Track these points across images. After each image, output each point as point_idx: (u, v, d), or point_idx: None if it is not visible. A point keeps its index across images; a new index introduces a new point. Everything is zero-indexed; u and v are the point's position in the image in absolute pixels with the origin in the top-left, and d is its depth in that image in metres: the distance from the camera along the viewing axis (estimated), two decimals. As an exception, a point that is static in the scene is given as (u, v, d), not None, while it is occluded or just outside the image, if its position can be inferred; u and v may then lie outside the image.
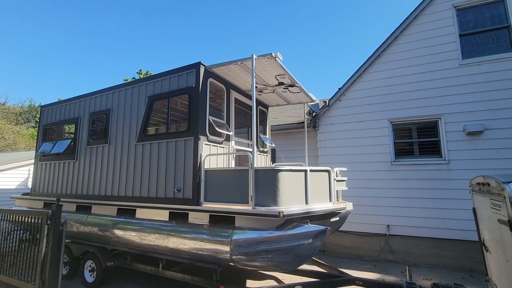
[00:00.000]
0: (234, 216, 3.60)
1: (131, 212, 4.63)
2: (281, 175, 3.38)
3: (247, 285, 4.79)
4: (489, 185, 3.51)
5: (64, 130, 6.06)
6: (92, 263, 4.98)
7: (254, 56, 3.81)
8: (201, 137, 4.01)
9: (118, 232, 4.57)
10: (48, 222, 4.52)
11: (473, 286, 4.92)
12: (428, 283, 5.06)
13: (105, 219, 4.83)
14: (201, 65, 4.18)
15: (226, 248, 3.48)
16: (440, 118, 6.28)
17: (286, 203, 3.37)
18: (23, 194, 6.68)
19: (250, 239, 3.40)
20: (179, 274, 4.17)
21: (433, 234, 6.03)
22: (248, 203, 3.46)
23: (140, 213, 4.49)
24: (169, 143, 4.26)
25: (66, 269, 5.32)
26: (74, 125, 5.68)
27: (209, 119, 4.20)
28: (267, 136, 6.31)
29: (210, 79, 4.35)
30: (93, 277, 4.93)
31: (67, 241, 5.36)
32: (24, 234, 4.99)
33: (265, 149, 6.19)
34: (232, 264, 3.54)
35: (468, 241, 5.68)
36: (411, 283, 3.59)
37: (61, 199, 5.58)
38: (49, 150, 5.78)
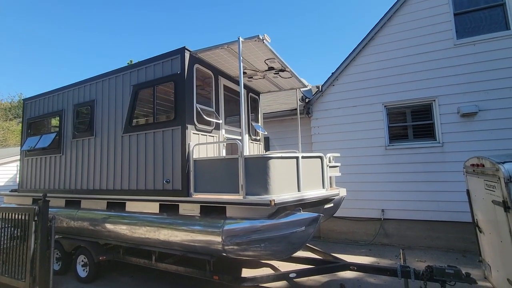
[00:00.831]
0: (225, 206, 3.51)
1: (121, 206, 4.52)
2: (272, 162, 3.27)
3: (242, 274, 4.77)
4: (483, 166, 3.45)
5: (49, 123, 5.84)
6: (85, 258, 4.91)
7: (241, 39, 3.63)
8: (189, 126, 3.87)
9: (109, 226, 4.47)
10: (35, 219, 4.42)
11: (467, 267, 4.97)
12: (422, 265, 5.10)
13: (95, 214, 4.72)
14: (186, 50, 3.97)
15: (218, 239, 3.40)
16: (434, 100, 6.19)
17: (277, 191, 3.29)
18: (11, 190, 6.52)
19: (242, 229, 3.33)
20: (173, 266, 4.11)
21: (427, 217, 6.06)
22: (238, 193, 3.36)
23: (130, 206, 4.38)
24: (156, 133, 4.11)
25: (59, 265, 5.24)
26: (58, 118, 5.47)
27: (196, 107, 4.04)
28: (260, 124, 6.18)
29: (196, 65, 4.16)
30: (86, 272, 4.86)
31: (58, 236, 5.28)
32: (13, 232, 4.88)
33: (258, 137, 6.06)
34: (224, 254, 3.48)
35: (461, 222, 5.71)
36: (405, 266, 3.57)
37: (50, 195, 5.45)
38: (34, 145, 5.58)
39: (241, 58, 3.98)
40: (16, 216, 4.55)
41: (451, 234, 5.88)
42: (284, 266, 4.83)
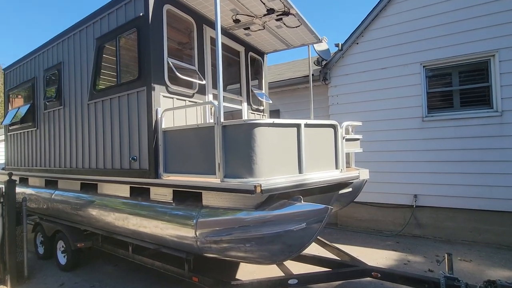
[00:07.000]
0: (201, 192, 2.63)
1: (94, 187, 3.83)
2: (259, 131, 2.28)
3: (238, 269, 4.00)
4: None
5: (26, 94, 5.20)
6: (64, 244, 4.38)
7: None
8: (156, 87, 2.93)
9: (81, 211, 3.83)
10: (1, 200, 3.89)
11: (530, 271, 3.81)
12: (467, 265, 4.00)
13: (68, 196, 4.10)
14: (151, -15, 2.96)
15: (191, 234, 2.57)
16: (493, 55, 4.71)
17: (268, 173, 2.32)
18: (3, 168, 6.16)
19: (219, 222, 2.45)
20: (149, 260, 3.40)
21: (473, 205, 4.83)
22: (215, 174, 2.44)
23: (102, 189, 3.68)
24: (121, 97, 3.24)
25: (43, 248, 4.81)
26: (31, 87, 4.79)
27: (168, 61, 3.07)
28: (263, 91, 5.12)
29: (167, 6, 3.14)
30: (66, 258, 4.34)
31: (40, 218, 4.82)
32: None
33: (261, 108, 5.03)
34: (199, 253, 2.65)
35: (522, 213, 4.47)
36: (452, 278, 2.54)
37: (29, 174, 4.93)
38: (11, 119, 5.02)
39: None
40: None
41: (506, 227, 4.64)
42: (290, 264, 3.97)
